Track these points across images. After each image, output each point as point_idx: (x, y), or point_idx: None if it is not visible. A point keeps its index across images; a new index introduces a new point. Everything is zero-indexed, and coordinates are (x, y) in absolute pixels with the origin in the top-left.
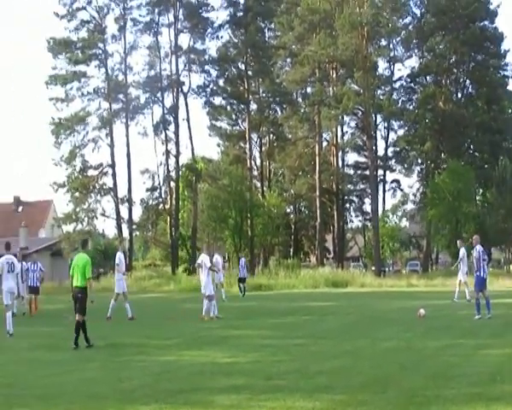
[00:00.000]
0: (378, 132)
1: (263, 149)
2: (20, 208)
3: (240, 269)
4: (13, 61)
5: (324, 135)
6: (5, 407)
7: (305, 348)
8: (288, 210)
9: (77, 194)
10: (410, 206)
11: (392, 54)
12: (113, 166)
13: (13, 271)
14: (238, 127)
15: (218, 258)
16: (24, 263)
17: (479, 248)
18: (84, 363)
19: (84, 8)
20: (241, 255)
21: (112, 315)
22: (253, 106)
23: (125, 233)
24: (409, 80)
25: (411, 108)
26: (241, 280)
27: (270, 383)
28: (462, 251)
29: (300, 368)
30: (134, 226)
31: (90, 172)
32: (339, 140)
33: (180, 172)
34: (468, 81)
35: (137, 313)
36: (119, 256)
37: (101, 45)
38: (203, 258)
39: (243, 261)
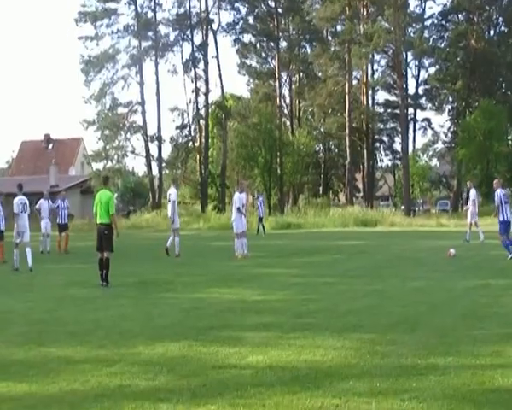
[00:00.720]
0: (409, 71)
1: (292, 87)
2: (51, 146)
3: (259, 208)
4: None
5: (354, 73)
6: (37, 344)
7: (335, 287)
8: (318, 149)
9: (107, 132)
10: (440, 145)
11: None
12: (142, 103)
13: (25, 211)
14: (268, 65)
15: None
16: (50, 202)
17: (500, 191)
18: (115, 300)
19: None
20: (259, 194)
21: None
22: (283, 44)
23: (155, 171)
24: (440, 18)
25: (443, 46)
26: (260, 219)
27: (300, 322)
28: (473, 192)
29: (329, 307)
30: (163, 164)
31: (120, 110)
32: (369, 78)
33: (209, 110)
34: (500, 19)
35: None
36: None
37: None
38: (234, 196)
39: (261, 200)
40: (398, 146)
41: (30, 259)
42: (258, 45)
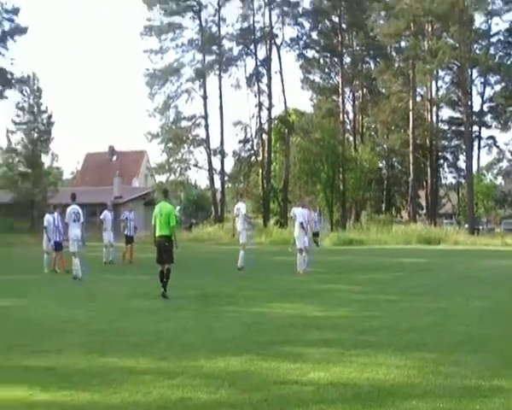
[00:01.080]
0: (474, 88)
1: (356, 102)
2: (115, 158)
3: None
4: (109, 12)
5: (418, 89)
6: (100, 354)
7: (397, 305)
8: (381, 165)
9: (170, 144)
10: (505, 163)
11: (490, 7)
12: (205, 117)
13: (78, 220)
14: (331, 81)
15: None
16: (111, 213)
17: None
18: (177, 312)
19: None
20: (314, 210)
21: (242, 265)
22: (347, 59)
23: (217, 184)
24: (507, 34)
25: (509, 63)
26: (314, 234)
27: (361, 339)
28: None
29: (392, 324)
30: (226, 178)
31: (184, 123)
32: (433, 95)
33: (272, 125)
34: None
35: (228, 265)
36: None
37: None
38: (294, 211)
39: (316, 216)
40: (462, 164)
41: (76, 268)
42: (321, 60)
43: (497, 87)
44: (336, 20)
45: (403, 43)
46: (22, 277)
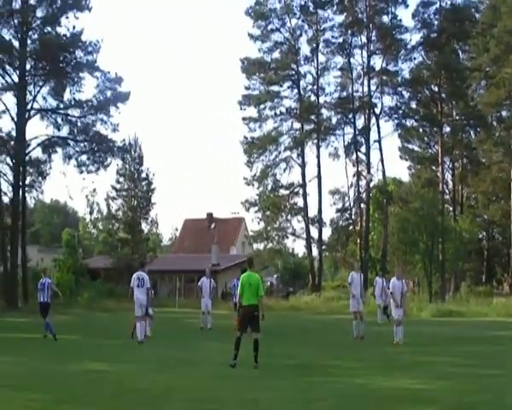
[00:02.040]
0: None
1: (455, 172)
2: (213, 225)
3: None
4: (206, 81)
5: None
6: None
7: (498, 379)
8: (481, 236)
9: (268, 213)
10: None
11: None
12: (303, 186)
13: (142, 286)
14: (430, 150)
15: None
16: (212, 280)
17: None
18: (275, 381)
19: (277, 30)
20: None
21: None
22: (446, 129)
23: (315, 253)
24: None
25: None
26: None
27: None
28: None
29: (493, 400)
30: (323, 247)
31: (281, 192)
32: None
33: (371, 194)
34: None
35: (326, 334)
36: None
37: (294, 66)
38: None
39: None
40: None
41: (138, 332)
42: (420, 130)
43: None
44: (436, 89)
45: (504, 113)
46: (120, 342)
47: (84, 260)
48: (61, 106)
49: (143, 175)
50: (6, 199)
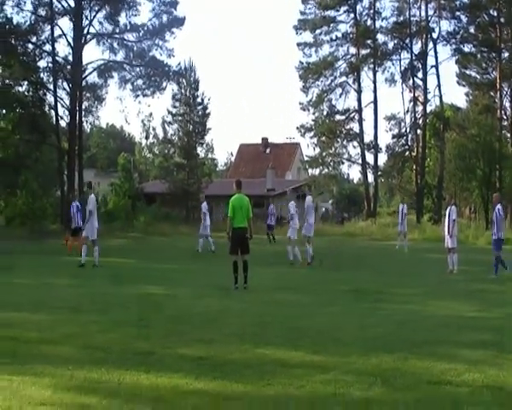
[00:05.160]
0: None
1: None
2: (268, 150)
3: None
4: (262, 6)
5: None
6: (253, 345)
7: None
8: None
9: (323, 138)
10: None
11: None
12: (359, 111)
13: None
14: (488, 76)
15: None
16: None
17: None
18: (328, 307)
19: None
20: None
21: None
22: (505, 54)
23: (370, 179)
24: None
25: None
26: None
27: None
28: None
29: None
30: (379, 173)
31: (337, 117)
32: None
33: (427, 120)
34: None
35: (381, 260)
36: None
37: None
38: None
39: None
40: None
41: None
42: (478, 55)
43: None
44: (495, 13)
45: None
46: (177, 266)
47: (140, 185)
48: (117, 30)
49: (199, 100)
50: (63, 123)
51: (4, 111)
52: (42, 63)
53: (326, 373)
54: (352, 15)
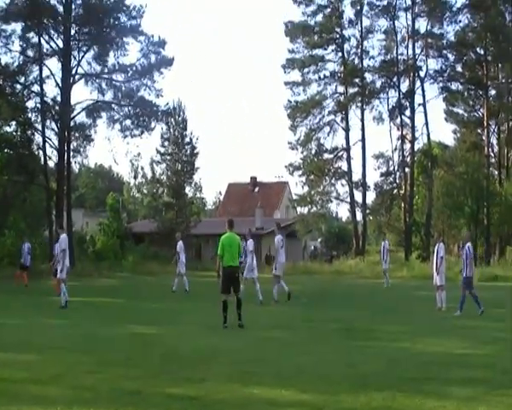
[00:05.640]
0: None
1: (501, 136)
2: (257, 189)
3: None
4: (250, 45)
5: None
6: (242, 384)
7: None
8: None
9: (312, 177)
10: None
11: None
12: (348, 150)
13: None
14: (476, 113)
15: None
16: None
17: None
18: (318, 345)
19: None
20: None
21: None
22: (492, 92)
23: (359, 217)
24: None
25: None
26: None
27: (508, 378)
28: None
29: None
30: (368, 211)
31: (326, 156)
32: None
33: (415, 158)
34: None
35: (370, 298)
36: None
37: (337, 30)
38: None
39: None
40: None
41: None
42: (466, 93)
43: None
44: (481, 52)
45: None
46: (165, 305)
47: (128, 225)
48: (106, 70)
49: (187, 139)
50: (51, 163)
51: None
52: (30, 103)
53: None
54: (339, 54)
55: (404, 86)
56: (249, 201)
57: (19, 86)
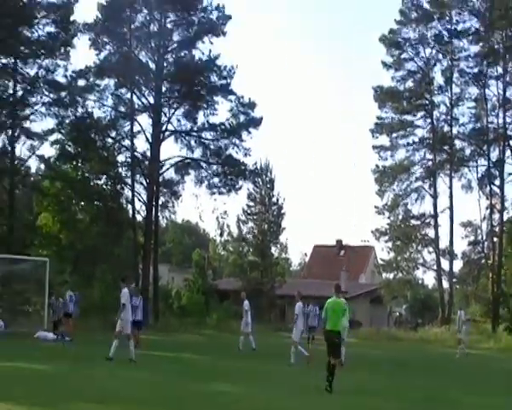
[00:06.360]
0: None
1: None
2: (342, 252)
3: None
4: (337, 108)
5: None
6: None
7: None
8: None
9: (398, 243)
10: None
11: None
12: (435, 217)
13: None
14: None
15: None
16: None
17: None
18: None
19: (411, 59)
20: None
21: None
22: None
23: (445, 285)
24: None
25: None
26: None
27: None
28: None
29: None
30: (454, 280)
31: (412, 222)
32: None
33: (504, 228)
34: None
35: (456, 369)
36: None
37: (427, 96)
38: None
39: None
40: None
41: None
42: None
43: None
44: None
45: None
46: (247, 364)
47: (213, 281)
48: (195, 128)
49: (274, 200)
50: (139, 218)
51: (83, 203)
52: (120, 158)
53: None
54: (428, 120)
55: (494, 155)
56: (334, 264)
57: (110, 140)
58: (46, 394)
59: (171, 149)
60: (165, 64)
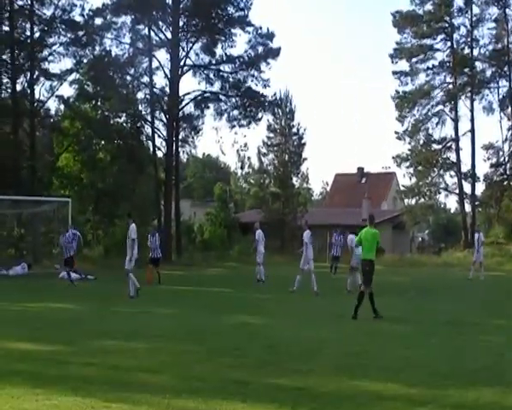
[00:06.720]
0: None
1: None
2: (364, 180)
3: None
4: (357, 35)
5: None
6: (349, 376)
7: None
8: None
9: (420, 168)
10: None
11: None
12: (456, 140)
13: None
14: None
15: None
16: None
17: None
18: (426, 338)
19: None
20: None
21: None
22: None
23: (468, 208)
24: None
25: None
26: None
27: None
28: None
29: None
30: (477, 203)
31: (434, 147)
32: None
33: None
34: None
35: (478, 291)
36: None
37: (447, 19)
38: None
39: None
40: None
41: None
42: None
43: None
44: None
45: None
46: (269, 296)
47: (235, 215)
48: (213, 62)
49: (294, 130)
50: (160, 154)
51: (103, 142)
52: (140, 95)
53: (422, 406)
54: (448, 44)
55: None
56: (356, 192)
57: (129, 78)
58: (75, 332)
59: (190, 84)
60: None
